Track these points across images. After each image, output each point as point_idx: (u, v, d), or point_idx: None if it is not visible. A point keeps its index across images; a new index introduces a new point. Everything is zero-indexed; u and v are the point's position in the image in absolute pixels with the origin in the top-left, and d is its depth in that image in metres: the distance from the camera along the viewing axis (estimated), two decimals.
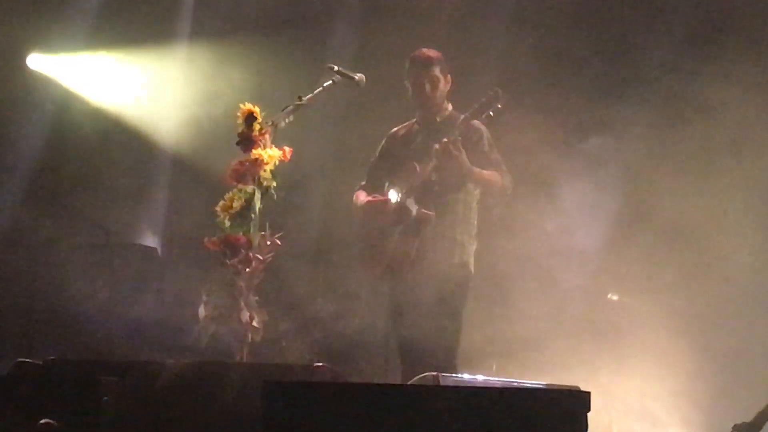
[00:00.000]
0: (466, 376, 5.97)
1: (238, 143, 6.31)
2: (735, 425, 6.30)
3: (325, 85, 6.71)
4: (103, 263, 8.95)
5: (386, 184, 7.11)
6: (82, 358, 7.27)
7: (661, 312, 7.91)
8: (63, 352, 7.75)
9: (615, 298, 8.27)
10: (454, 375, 5.92)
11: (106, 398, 5.19)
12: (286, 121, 6.39)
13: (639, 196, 8.36)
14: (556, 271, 7.86)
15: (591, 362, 7.58)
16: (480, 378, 5.98)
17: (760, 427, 6.23)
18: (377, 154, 7.30)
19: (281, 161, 6.27)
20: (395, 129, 7.30)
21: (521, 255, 7.89)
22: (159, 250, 9.57)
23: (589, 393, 4.46)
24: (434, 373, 5.70)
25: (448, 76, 7.09)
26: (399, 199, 6.90)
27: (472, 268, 7.00)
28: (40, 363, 5.77)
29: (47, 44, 9.97)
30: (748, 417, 6.30)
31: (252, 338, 6.23)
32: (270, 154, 6.22)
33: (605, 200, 8.26)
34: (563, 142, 8.40)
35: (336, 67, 6.79)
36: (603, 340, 7.86)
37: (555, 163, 8.14)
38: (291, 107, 6.46)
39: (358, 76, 6.85)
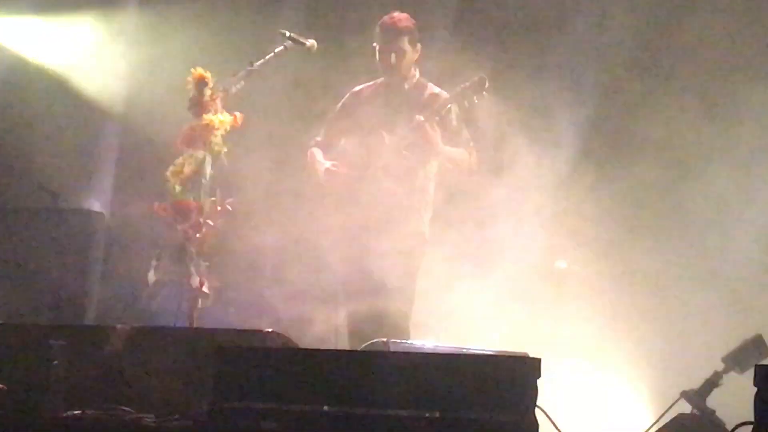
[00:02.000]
0: (416, 342, 6.00)
1: (188, 108, 6.30)
2: (683, 392, 6.38)
3: (276, 50, 6.70)
4: (49, 227, 8.86)
5: (342, 141, 7.12)
6: (31, 322, 7.24)
7: (607, 278, 7.97)
8: (10, 317, 7.67)
9: (563, 265, 8.31)
10: (403, 341, 5.95)
11: (55, 362, 5.18)
12: (237, 86, 6.39)
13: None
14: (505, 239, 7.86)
15: (539, 330, 7.62)
16: (430, 344, 6.01)
17: (707, 394, 6.30)
18: (336, 109, 7.26)
19: (232, 127, 6.27)
20: (359, 87, 7.25)
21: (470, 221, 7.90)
22: (106, 216, 9.50)
23: (539, 359, 4.50)
24: (384, 339, 5.75)
25: (418, 45, 7.04)
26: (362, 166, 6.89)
27: (426, 235, 7.03)
28: None
29: None
30: (695, 384, 6.38)
31: (202, 304, 6.25)
32: (221, 119, 6.22)
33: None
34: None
35: (287, 33, 6.78)
36: (551, 307, 7.91)
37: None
38: (242, 73, 6.46)
39: (310, 42, 6.85)
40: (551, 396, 4.78)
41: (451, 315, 7.49)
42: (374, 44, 7.07)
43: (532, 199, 7.83)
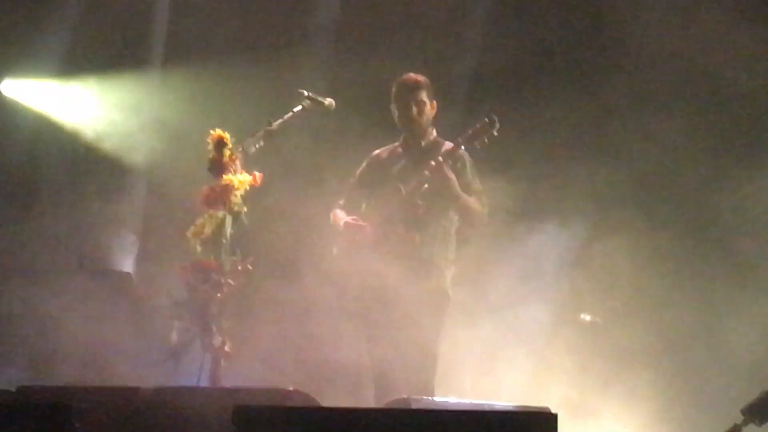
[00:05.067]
0: (437, 399, 5.99)
1: (208, 169, 6.34)
2: None
3: (295, 110, 6.75)
4: (76, 289, 8.92)
5: (363, 206, 7.14)
6: (53, 384, 7.25)
7: (636, 333, 7.97)
8: (36, 380, 7.71)
9: (588, 318, 8.30)
10: (425, 398, 5.94)
11: (78, 425, 5.19)
12: (256, 146, 6.43)
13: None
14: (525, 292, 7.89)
15: (563, 383, 7.60)
16: (451, 400, 5.99)
17: None
18: (357, 174, 7.29)
19: (252, 186, 6.31)
20: (377, 151, 7.30)
21: (491, 276, 7.93)
22: (133, 276, 9.55)
23: (556, 415, 4.49)
24: (405, 396, 5.73)
25: (434, 101, 7.11)
26: (381, 221, 6.91)
27: (450, 292, 7.02)
28: (12, 390, 5.77)
29: (21, 70, 9.98)
30: None
31: (224, 363, 6.26)
32: (240, 179, 6.25)
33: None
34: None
35: (306, 92, 6.83)
36: (576, 361, 7.90)
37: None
38: (261, 132, 6.50)
39: (328, 101, 6.89)
40: None
41: (471, 369, 7.49)
42: (392, 105, 7.12)
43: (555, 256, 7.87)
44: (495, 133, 6.80)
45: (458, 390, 7.59)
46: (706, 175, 8.47)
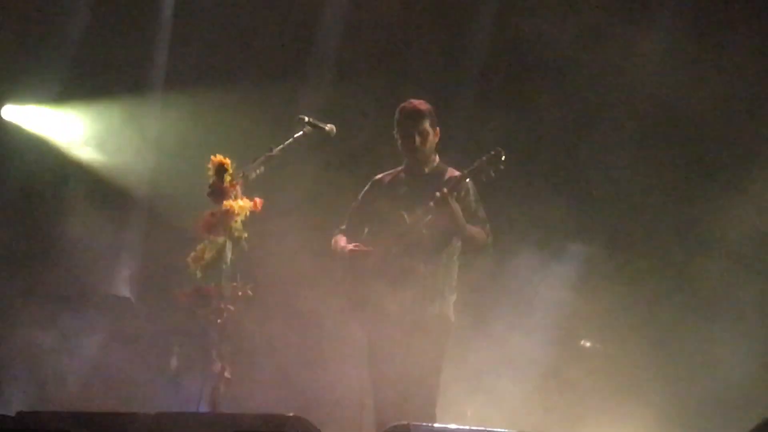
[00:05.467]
0: (438, 426, 5.97)
1: (209, 194, 6.35)
2: None
3: (295, 135, 6.76)
4: (77, 314, 8.93)
5: (365, 230, 7.14)
6: (52, 410, 7.24)
7: (633, 359, 7.97)
8: (36, 405, 7.70)
9: (588, 344, 8.30)
10: (425, 424, 5.91)
11: None
12: (257, 172, 6.43)
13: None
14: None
15: (560, 410, 7.59)
16: (452, 427, 5.97)
17: None
18: (359, 198, 7.28)
19: (252, 212, 6.31)
20: (380, 176, 7.29)
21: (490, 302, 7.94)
22: (134, 301, 9.56)
23: None
24: (405, 423, 5.71)
25: (437, 128, 7.11)
26: (384, 248, 6.91)
27: (452, 318, 7.01)
28: (12, 415, 5.77)
29: (21, 95, 10.00)
30: None
31: (225, 388, 6.25)
32: (241, 205, 6.26)
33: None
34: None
35: (307, 118, 6.84)
36: (573, 387, 7.89)
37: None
38: (261, 158, 6.51)
39: (329, 126, 6.90)
40: None
41: (472, 396, 7.48)
42: (395, 131, 7.12)
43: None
44: (502, 167, 6.79)
45: (459, 417, 7.57)
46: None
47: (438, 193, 6.77)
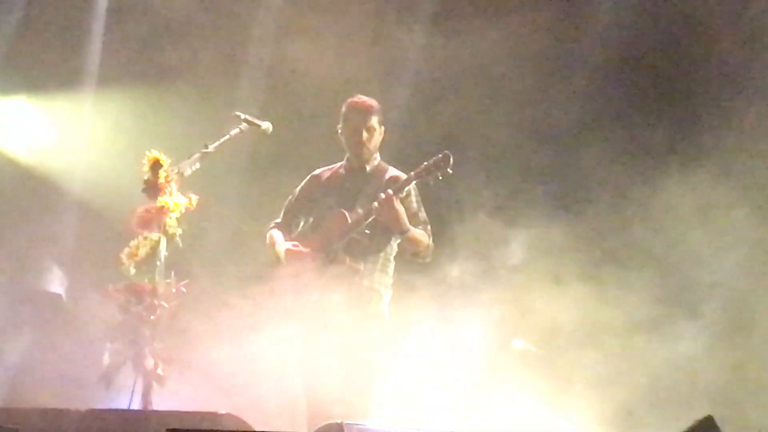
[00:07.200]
0: (371, 425, 5.98)
1: (143, 190, 6.32)
2: None
3: (231, 132, 6.74)
4: (6, 309, 8.84)
5: (301, 223, 7.13)
6: None
7: (566, 361, 8.01)
8: None
9: (519, 345, 8.32)
10: (358, 423, 5.93)
11: None
12: (192, 168, 6.42)
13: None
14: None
15: (494, 409, 7.62)
16: (385, 426, 5.99)
17: None
18: (296, 192, 7.27)
19: (187, 209, 6.29)
20: (319, 171, 7.29)
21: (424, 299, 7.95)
22: (64, 297, 9.48)
23: None
24: (339, 421, 5.72)
25: (382, 127, 7.14)
26: (322, 246, 6.90)
27: (387, 316, 7.03)
28: None
29: None
30: None
31: (157, 385, 6.22)
32: (176, 201, 6.24)
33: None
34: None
35: (243, 115, 6.83)
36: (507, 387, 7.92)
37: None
38: (197, 155, 6.49)
39: (265, 124, 6.90)
40: None
41: (407, 394, 7.49)
42: (339, 125, 7.13)
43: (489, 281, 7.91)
44: (449, 170, 6.82)
45: (392, 415, 7.57)
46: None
47: (383, 194, 6.79)
